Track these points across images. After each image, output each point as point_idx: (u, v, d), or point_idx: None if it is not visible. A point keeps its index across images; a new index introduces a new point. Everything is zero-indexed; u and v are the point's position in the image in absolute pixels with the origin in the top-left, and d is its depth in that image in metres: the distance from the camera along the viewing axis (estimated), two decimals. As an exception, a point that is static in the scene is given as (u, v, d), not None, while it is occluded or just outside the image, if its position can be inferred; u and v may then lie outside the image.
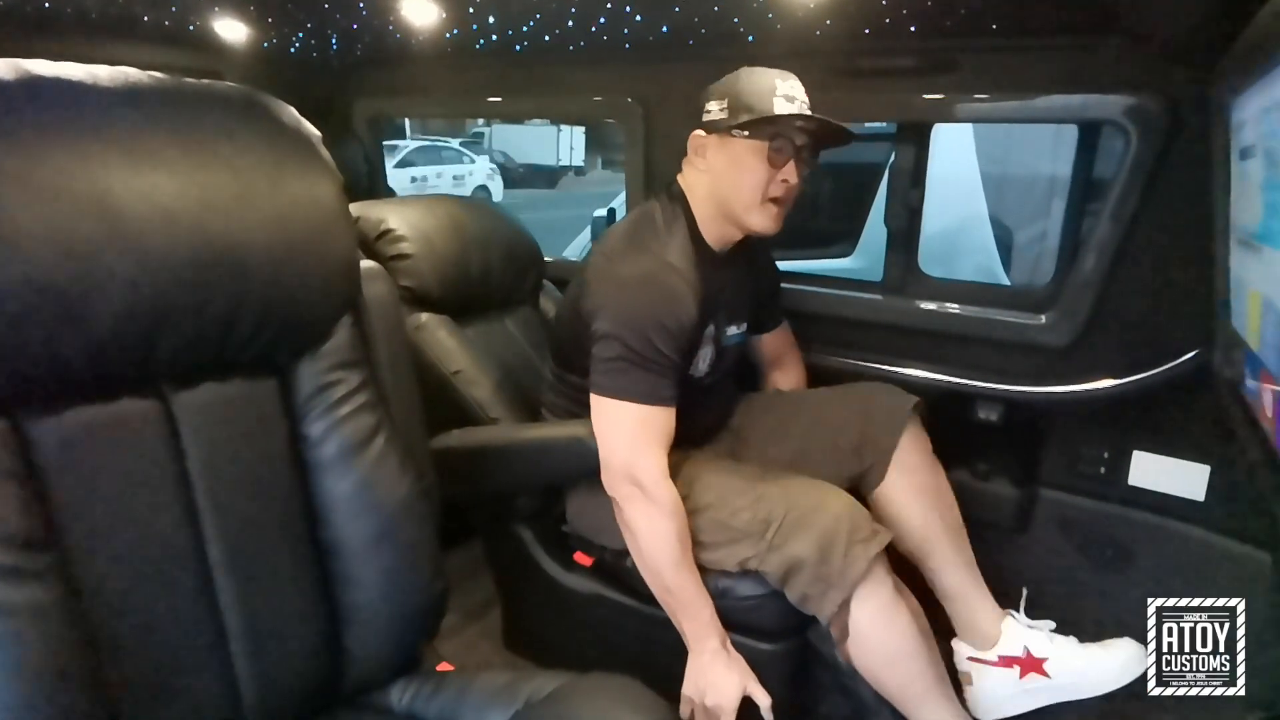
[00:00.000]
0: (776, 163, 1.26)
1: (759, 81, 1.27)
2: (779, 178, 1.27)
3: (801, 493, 1.25)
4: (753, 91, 1.26)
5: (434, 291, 1.64)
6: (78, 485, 0.72)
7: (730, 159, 1.28)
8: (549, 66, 1.92)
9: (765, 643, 1.29)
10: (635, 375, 1.22)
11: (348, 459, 0.90)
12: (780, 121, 1.25)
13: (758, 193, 1.28)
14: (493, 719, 0.88)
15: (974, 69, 1.48)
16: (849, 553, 1.16)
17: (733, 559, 1.24)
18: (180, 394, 0.80)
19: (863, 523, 1.20)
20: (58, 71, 0.72)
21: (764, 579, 1.24)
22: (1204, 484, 1.47)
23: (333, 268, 0.90)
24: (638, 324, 1.22)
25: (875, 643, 1.20)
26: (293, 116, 0.89)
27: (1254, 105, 1.00)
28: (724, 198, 1.31)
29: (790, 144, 1.26)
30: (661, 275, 1.26)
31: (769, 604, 1.25)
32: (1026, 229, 4.01)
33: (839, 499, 1.24)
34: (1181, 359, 1.39)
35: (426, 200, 1.83)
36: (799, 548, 1.18)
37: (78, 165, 0.69)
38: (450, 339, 1.61)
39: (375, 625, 0.92)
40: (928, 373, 1.63)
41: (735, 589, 1.27)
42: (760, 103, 1.25)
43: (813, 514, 1.20)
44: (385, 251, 1.63)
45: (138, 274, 0.72)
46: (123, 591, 0.73)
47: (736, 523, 1.24)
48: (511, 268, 1.83)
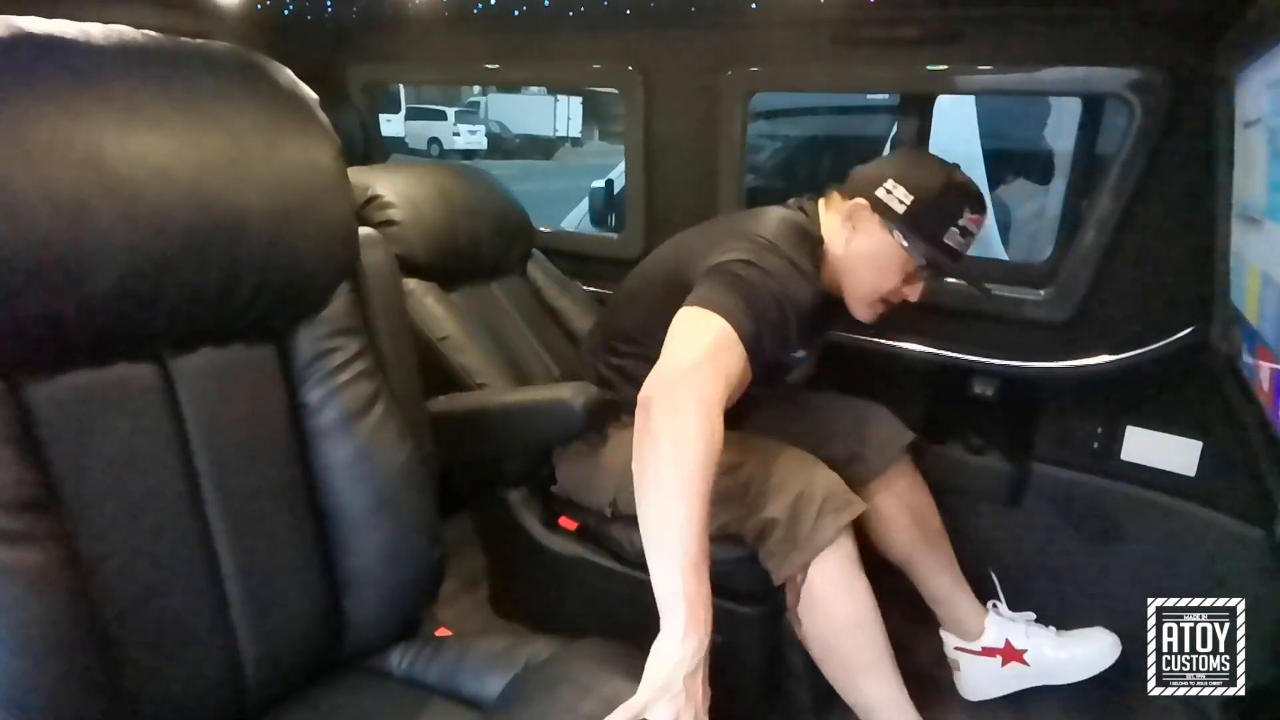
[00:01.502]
0: (911, 280, 1.26)
1: (952, 198, 1.20)
2: (904, 289, 1.26)
3: (782, 458, 1.25)
4: (939, 205, 1.20)
5: (422, 258, 1.63)
6: (76, 449, 0.72)
7: (875, 250, 1.24)
8: (548, 32, 1.89)
9: (742, 605, 1.29)
10: (741, 304, 1.08)
11: (346, 426, 0.90)
12: (946, 258, 1.22)
13: (878, 293, 1.27)
14: (491, 683, 0.89)
15: (978, 40, 1.46)
16: (820, 519, 1.17)
17: (713, 522, 1.19)
18: (178, 359, 0.80)
19: (838, 492, 1.21)
20: (50, 29, 0.70)
21: (740, 542, 1.25)
22: (1195, 460, 1.48)
23: (331, 233, 0.89)
24: (759, 274, 1.13)
25: (830, 608, 1.19)
26: (290, 79, 0.87)
27: (1258, 80, 0.99)
28: (848, 274, 1.28)
29: (937, 271, 1.25)
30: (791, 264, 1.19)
31: (745, 568, 1.26)
32: (1025, 205, 3.99)
33: (818, 468, 1.24)
34: (1178, 335, 1.40)
35: (416, 168, 1.82)
36: (772, 509, 1.19)
37: (71, 125, 0.68)
38: (437, 305, 1.61)
39: (374, 591, 0.92)
40: (925, 347, 1.64)
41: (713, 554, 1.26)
42: (936, 219, 1.20)
43: (790, 478, 1.21)
44: (373, 218, 1.62)
45: (134, 236, 0.71)
46: (123, 556, 0.73)
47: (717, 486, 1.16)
48: (500, 236, 1.83)
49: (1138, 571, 1.55)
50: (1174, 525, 1.51)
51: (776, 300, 1.13)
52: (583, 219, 3.44)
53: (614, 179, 3.14)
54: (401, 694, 0.90)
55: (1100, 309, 1.51)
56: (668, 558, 0.88)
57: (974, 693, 1.49)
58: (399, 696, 0.90)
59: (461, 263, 1.72)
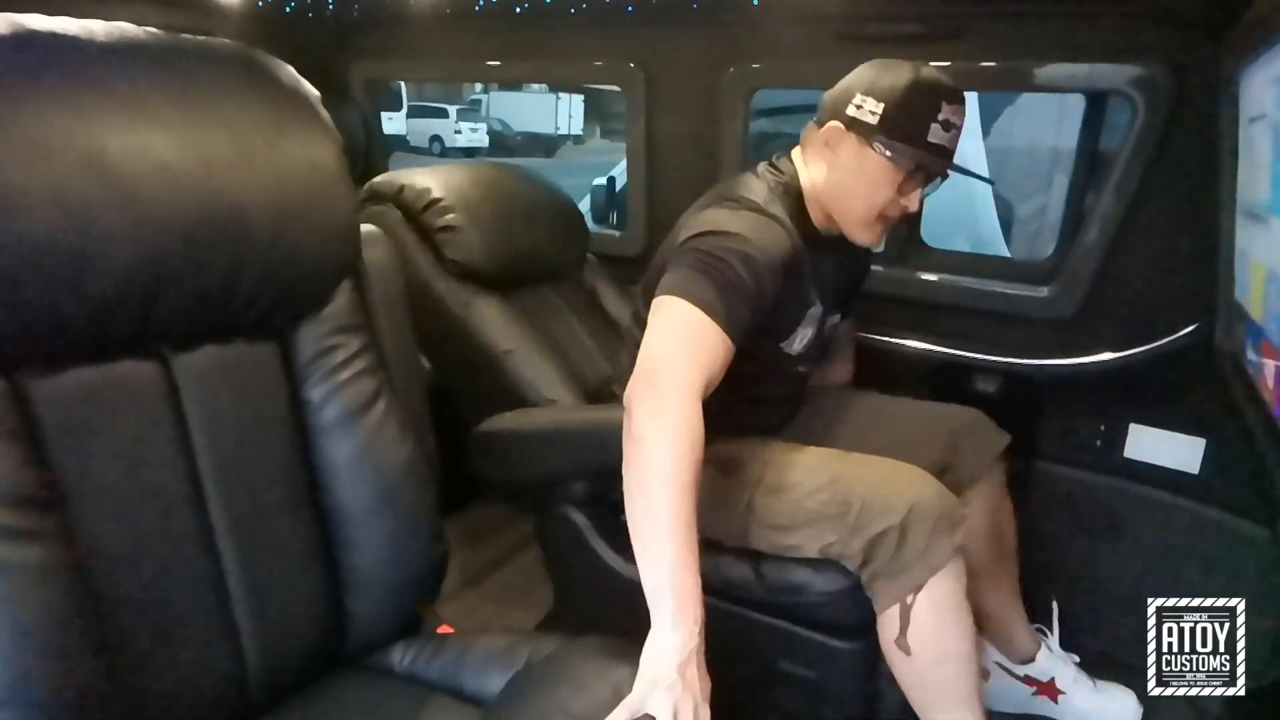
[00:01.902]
0: (905, 189, 1.19)
1: (926, 95, 1.15)
2: (900, 201, 1.20)
3: (885, 472, 1.16)
4: (914, 106, 1.14)
5: (483, 266, 1.56)
6: (78, 446, 0.72)
7: (860, 167, 1.19)
8: (550, 29, 1.89)
9: (839, 640, 1.22)
10: (703, 283, 1.06)
11: (348, 423, 0.90)
12: (930, 155, 1.16)
13: (873, 211, 1.20)
14: (493, 680, 0.89)
15: (982, 36, 1.46)
16: (933, 538, 1.08)
17: (814, 543, 1.15)
18: (180, 356, 0.80)
19: (951, 509, 1.11)
20: (52, 26, 0.70)
21: (843, 571, 1.16)
22: (1199, 457, 1.48)
23: (332, 230, 0.89)
24: (718, 240, 1.11)
25: (936, 635, 1.10)
26: (291, 76, 0.87)
27: (1263, 76, 0.99)
28: (838, 200, 1.23)
29: (928, 174, 1.19)
30: (762, 221, 1.16)
31: (847, 599, 1.17)
32: (1028, 202, 3.98)
33: (926, 481, 1.14)
34: (1182, 332, 1.39)
35: (470, 169, 1.74)
36: (881, 527, 1.09)
37: (74, 122, 0.68)
38: (501, 316, 1.54)
39: (376, 588, 0.92)
40: (928, 344, 1.63)
41: (813, 584, 1.18)
42: (914, 122, 1.14)
43: (897, 494, 1.11)
44: (433, 223, 1.54)
45: (136, 233, 0.71)
46: (125, 553, 0.73)
47: (814, 504, 1.15)
48: (557, 239, 1.75)
49: (1141, 569, 1.55)
50: (1177, 523, 1.50)
51: (743, 261, 1.09)
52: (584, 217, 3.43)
53: (615, 176, 3.13)
54: (403, 691, 0.90)
55: (1103, 306, 1.50)
56: (654, 552, 0.89)
57: (989, 701, 1.42)
58: (400, 693, 0.90)
59: (520, 268, 1.65)
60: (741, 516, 1.20)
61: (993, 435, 1.38)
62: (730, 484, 1.21)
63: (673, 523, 0.90)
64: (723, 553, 1.24)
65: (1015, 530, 1.42)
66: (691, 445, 0.94)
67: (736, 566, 1.23)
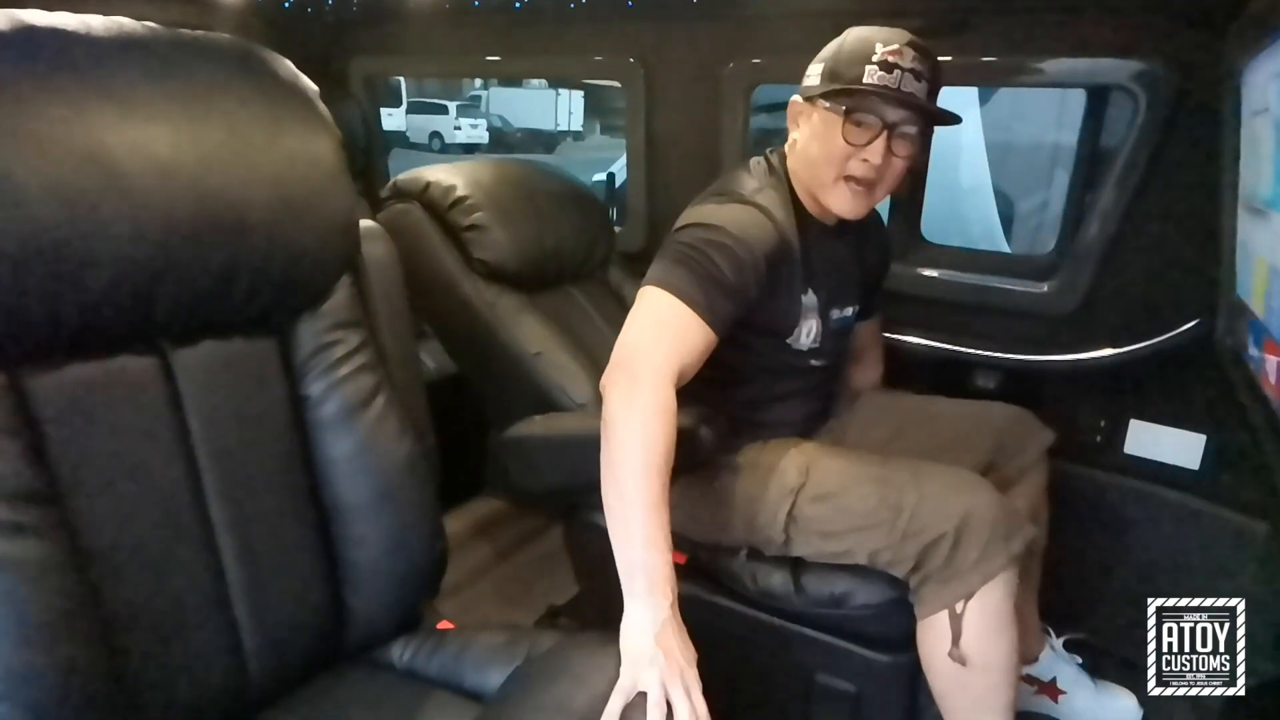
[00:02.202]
0: (856, 139, 1.12)
1: (860, 43, 1.12)
2: (859, 156, 1.13)
3: (935, 476, 1.12)
4: (848, 55, 1.12)
5: (511, 266, 1.52)
6: (78, 442, 0.72)
7: (814, 131, 1.16)
8: (550, 24, 1.88)
9: (880, 653, 1.18)
10: (681, 273, 1.07)
11: (348, 419, 0.90)
12: (863, 93, 1.11)
13: (833, 170, 1.15)
14: (493, 675, 0.89)
15: (983, 31, 1.45)
16: (989, 545, 1.03)
17: (863, 549, 1.11)
18: (180, 351, 0.80)
19: (1008, 515, 1.07)
20: (51, 21, 0.70)
21: (887, 581, 1.12)
22: (1199, 453, 1.48)
23: (331, 226, 0.89)
24: (699, 233, 1.11)
25: (983, 646, 1.06)
26: (290, 71, 0.87)
27: (1265, 70, 0.99)
28: (807, 171, 1.20)
29: (877, 119, 1.12)
30: (748, 213, 1.14)
31: (891, 611, 1.13)
32: (1028, 198, 3.98)
33: (980, 485, 1.10)
34: (1183, 328, 1.39)
35: (494, 165, 1.69)
36: (935, 534, 1.05)
37: (72, 116, 0.68)
38: (529, 317, 1.50)
39: (376, 584, 0.92)
40: (928, 340, 1.63)
41: (854, 595, 1.15)
42: (850, 69, 1.11)
43: (950, 498, 1.07)
44: (459, 222, 1.51)
45: (135, 228, 0.71)
46: (125, 549, 0.73)
47: (863, 508, 1.12)
48: (584, 237, 1.69)
49: (1140, 566, 1.55)
50: (1177, 519, 1.50)
51: (721, 251, 1.09)
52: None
53: (615, 172, 3.14)
54: (403, 686, 0.90)
55: (1104, 302, 1.50)
56: (625, 533, 0.92)
57: None
58: (401, 688, 0.90)
59: (547, 267, 1.62)
60: (784, 524, 1.16)
61: (1038, 432, 1.35)
62: (769, 491, 1.18)
63: (643, 504, 0.92)
64: (762, 561, 1.21)
65: (1047, 529, 1.39)
66: (663, 429, 0.97)
67: (776, 576, 1.19)
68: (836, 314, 1.30)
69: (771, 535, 1.17)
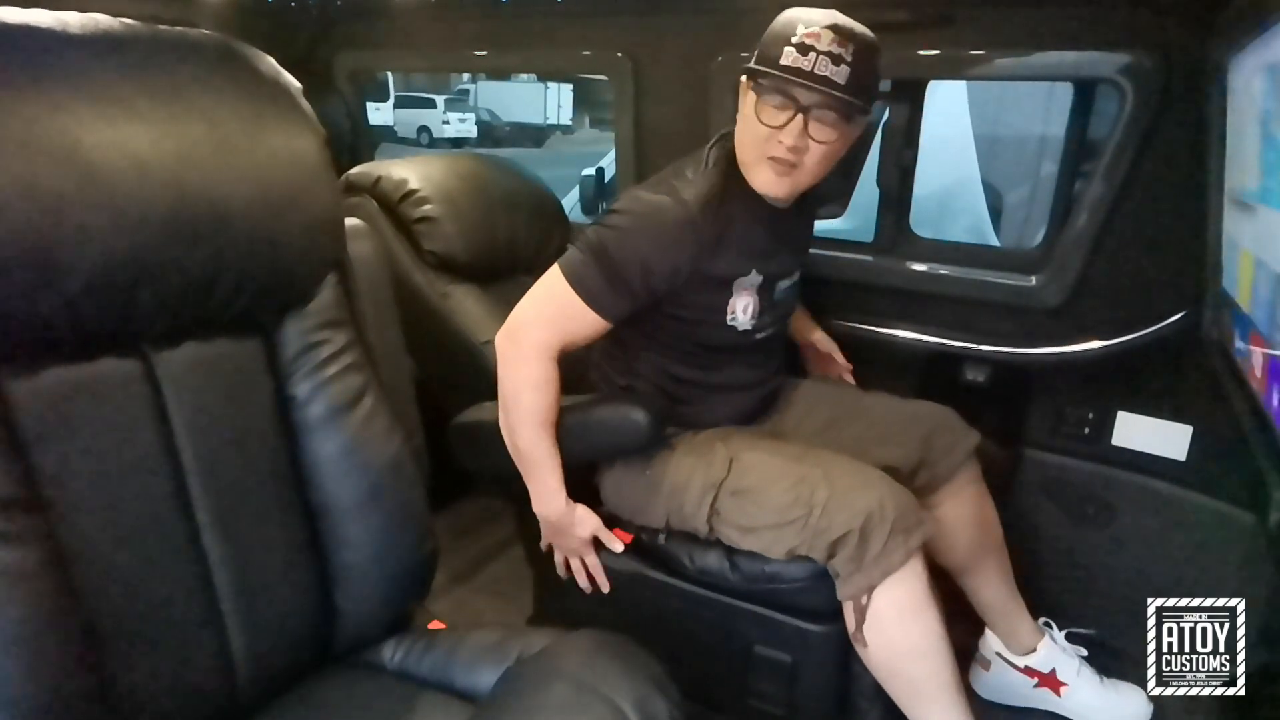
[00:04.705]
0: (770, 119, 1.13)
1: (784, 24, 1.13)
2: (777, 138, 1.14)
3: (845, 472, 1.18)
4: (772, 35, 1.13)
5: (462, 257, 1.57)
6: (60, 446, 0.71)
7: (743, 109, 1.19)
8: (537, 19, 1.87)
9: (813, 624, 1.24)
10: (589, 262, 1.17)
11: (335, 420, 0.89)
12: (774, 75, 1.12)
13: (755, 149, 1.17)
14: (484, 675, 0.89)
15: (971, 24, 1.45)
16: (889, 540, 1.10)
17: (779, 547, 1.18)
18: (162, 353, 0.79)
19: (908, 510, 1.13)
20: (25, 18, 0.69)
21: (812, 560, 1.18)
22: (1186, 444, 1.49)
23: (315, 224, 0.88)
24: (623, 221, 1.18)
25: (897, 634, 1.13)
26: (272, 67, 0.86)
27: (1252, 64, 0.99)
28: (739, 150, 1.22)
29: (791, 101, 1.12)
30: (666, 213, 1.17)
31: (820, 585, 1.18)
32: (1016, 191, 4.00)
33: (884, 482, 1.16)
34: (1169, 320, 1.40)
35: (448, 159, 1.74)
36: (841, 530, 1.11)
37: (48, 115, 0.67)
38: (479, 307, 1.55)
39: (366, 585, 0.92)
40: (916, 334, 1.63)
41: (784, 573, 1.21)
42: (771, 49, 1.12)
43: (855, 493, 1.13)
44: (410, 214, 1.56)
45: (113, 229, 0.70)
46: (110, 554, 0.73)
47: (777, 504, 1.17)
48: (536, 229, 1.75)
49: (1129, 556, 1.56)
50: (1165, 510, 1.52)
51: (634, 248, 1.17)
52: (574, 207, 3.42)
53: (604, 167, 3.12)
54: (394, 687, 0.90)
55: (1092, 294, 1.51)
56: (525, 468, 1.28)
57: (989, 693, 1.46)
58: (391, 690, 0.89)
59: (498, 259, 1.66)
60: (707, 516, 1.23)
61: (963, 434, 1.37)
62: (694, 481, 1.24)
63: (534, 451, 1.25)
64: (697, 543, 1.27)
65: (998, 520, 1.41)
66: (543, 398, 1.21)
67: (711, 556, 1.26)
68: (783, 285, 1.34)
69: (696, 525, 1.25)
